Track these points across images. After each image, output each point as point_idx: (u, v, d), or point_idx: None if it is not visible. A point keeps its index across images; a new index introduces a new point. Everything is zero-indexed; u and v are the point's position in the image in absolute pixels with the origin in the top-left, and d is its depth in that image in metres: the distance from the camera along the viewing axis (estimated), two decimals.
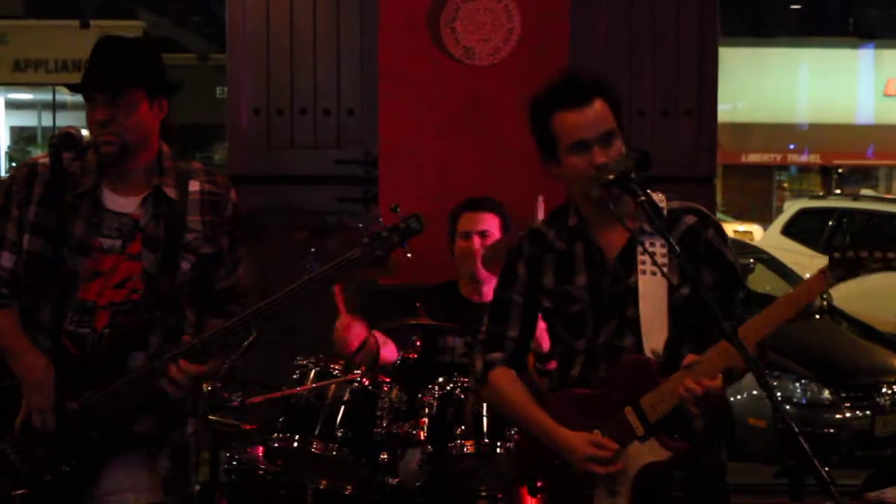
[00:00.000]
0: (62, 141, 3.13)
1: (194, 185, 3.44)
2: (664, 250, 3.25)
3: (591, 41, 6.27)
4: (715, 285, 3.28)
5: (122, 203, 3.33)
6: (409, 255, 3.39)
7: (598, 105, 3.27)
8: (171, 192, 3.37)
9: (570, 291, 3.33)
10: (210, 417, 4.52)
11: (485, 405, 4.24)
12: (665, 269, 3.21)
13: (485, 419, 4.25)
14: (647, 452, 3.18)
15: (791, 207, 16.37)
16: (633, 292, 3.27)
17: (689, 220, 3.35)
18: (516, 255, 3.47)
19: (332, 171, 6.23)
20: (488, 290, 5.03)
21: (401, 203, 5.82)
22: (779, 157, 25.17)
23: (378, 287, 5.43)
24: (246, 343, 3.21)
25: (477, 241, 4.91)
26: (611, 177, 3.16)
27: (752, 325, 3.07)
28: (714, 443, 3.34)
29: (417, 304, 4.71)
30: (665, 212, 3.33)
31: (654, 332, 3.22)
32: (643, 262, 3.26)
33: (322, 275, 3.31)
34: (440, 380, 4.36)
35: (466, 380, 4.28)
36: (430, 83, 6.01)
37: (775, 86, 23.02)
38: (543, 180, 5.83)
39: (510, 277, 3.46)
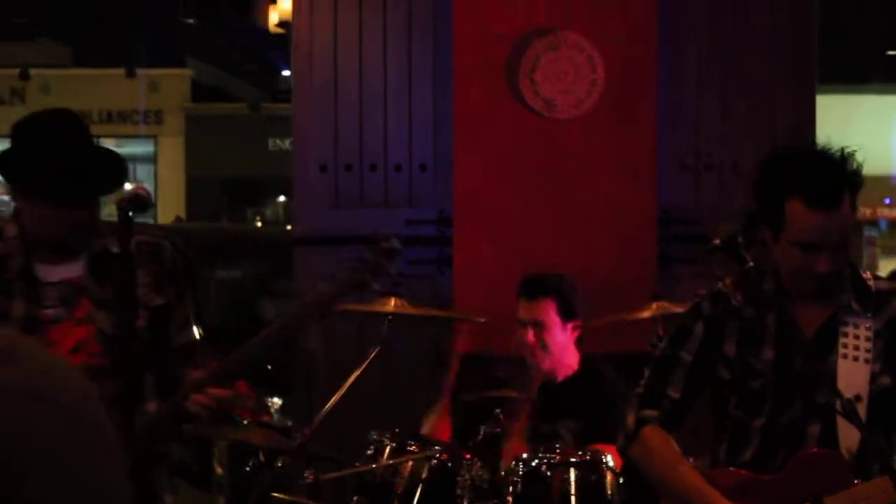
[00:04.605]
0: (131, 202, 3.17)
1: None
2: (868, 333, 3.21)
3: (680, 92, 6.28)
4: None
5: (59, 272, 3.33)
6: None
7: (844, 208, 3.13)
8: (115, 249, 3.34)
9: (753, 364, 3.28)
10: (275, 495, 4.54)
11: (573, 483, 4.23)
12: (869, 356, 3.17)
13: (573, 497, 4.22)
14: None
15: (887, 267, 16.19)
16: (827, 376, 3.20)
17: None
18: (694, 313, 3.42)
19: (403, 231, 6.24)
20: (561, 370, 4.96)
21: (478, 265, 5.93)
22: (868, 211, 24.96)
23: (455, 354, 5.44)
24: None
25: (530, 334, 4.85)
26: (717, 242, 3.15)
27: None
28: None
29: (501, 374, 4.71)
30: (872, 290, 3.30)
31: (850, 426, 3.13)
32: (845, 346, 3.22)
33: (315, 304, 3.50)
34: (524, 455, 4.34)
35: (552, 455, 4.28)
36: (508, 137, 6.03)
37: (868, 135, 22.89)
38: (628, 242, 5.90)
39: (682, 335, 3.42)
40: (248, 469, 5.09)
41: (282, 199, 25.79)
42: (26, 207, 3.29)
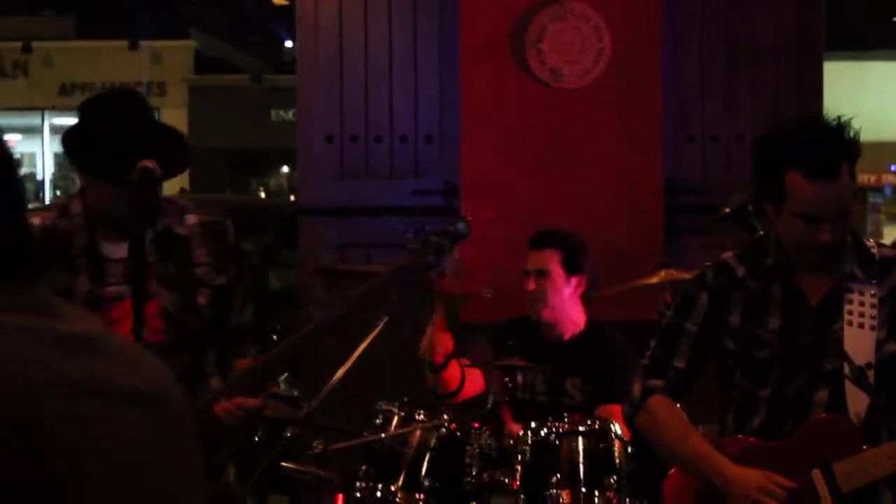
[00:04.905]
0: (142, 177, 3.16)
1: (192, 219, 3.49)
2: (873, 300, 3.23)
3: (685, 61, 6.28)
4: None
5: (122, 249, 3.33)
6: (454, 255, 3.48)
7: (843, 177, 3.15)
8: (180, 230, 3.44)
9: (758, 335, 3.31)
10: (284, 465, 4.55)
11: (581, 451, 4.25)
12: (875, 322, 3.19)
13: (581, 466, 4.24)
14: None
15: (892, 233, 16.19)
16: (833, 343, 3.23)
17: None
18: (699, 283, 3.45)
19: (409, 201, 6.26)
20: (567, 326, 4.98)
21: (485, 236, 5.94)
22: (873, 177, 24.90)
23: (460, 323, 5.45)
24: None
25: (532, 283, 4.89)
26: (727, 210, 3.17)
27: None
28: None
29: (510, 343, 4.71)
30: (876, 257, 3.31)
31: (858, 392, 3.16)
32: (850, 313, 3.23)
33: (373, 287, 3.32)
34: (533, 424, 4.36)
35: (560, 423, 4.30)
36: (514, 107, 6.04)
37: (875, 101, 22.87)
38: (635, 212, 5.90)
39: (687, 305, 3.45)
40: (256, 439, 5.10)
41: (285, 170, 25.80)
42: (89, 185, 3.34)
